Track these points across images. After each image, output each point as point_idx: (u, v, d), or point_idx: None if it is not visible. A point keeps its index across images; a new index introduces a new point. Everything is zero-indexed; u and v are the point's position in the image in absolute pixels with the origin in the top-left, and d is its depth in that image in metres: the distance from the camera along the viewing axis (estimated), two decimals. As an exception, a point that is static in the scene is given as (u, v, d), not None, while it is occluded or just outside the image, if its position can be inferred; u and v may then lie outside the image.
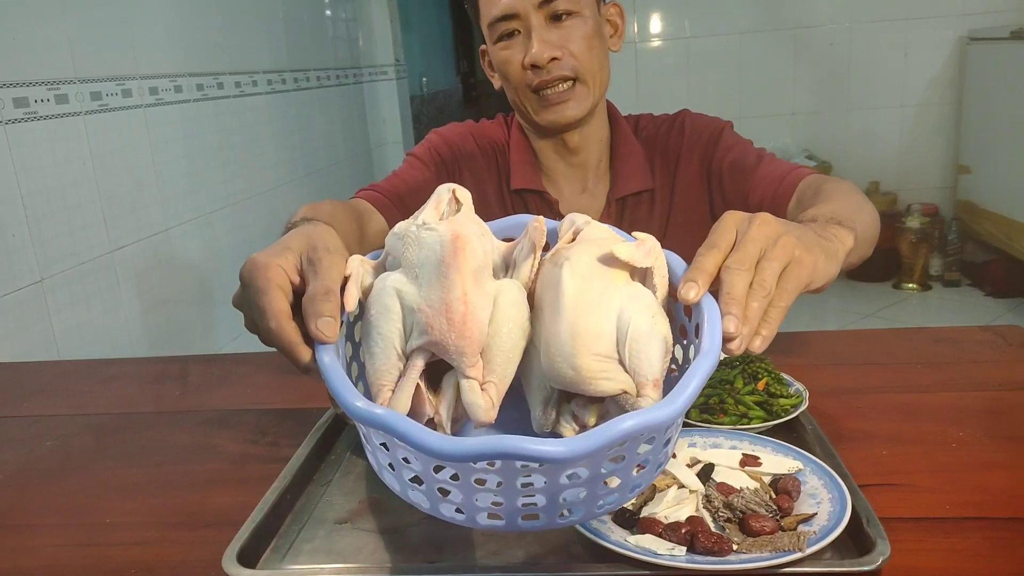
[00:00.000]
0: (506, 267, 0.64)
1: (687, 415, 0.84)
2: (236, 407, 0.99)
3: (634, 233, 0.62)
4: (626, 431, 0.49)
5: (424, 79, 5.15)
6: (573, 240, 0.62)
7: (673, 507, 0.67)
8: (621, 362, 0.56)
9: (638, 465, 0.55)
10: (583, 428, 0.58)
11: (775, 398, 0.85)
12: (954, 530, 0.66)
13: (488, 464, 0.52)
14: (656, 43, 4.15)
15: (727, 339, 0.57)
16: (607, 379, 0.55)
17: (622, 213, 1.20)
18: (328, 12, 3.60)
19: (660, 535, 0.63)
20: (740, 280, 0.58)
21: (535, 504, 0.54)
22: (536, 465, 0.51)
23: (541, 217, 0.63)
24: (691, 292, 0.58)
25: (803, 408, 0.84)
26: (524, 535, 0.68)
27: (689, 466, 0.73)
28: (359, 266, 0.61)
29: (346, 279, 0.60)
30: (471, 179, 1.22)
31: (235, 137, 2.73)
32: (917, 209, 3.94)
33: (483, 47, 1.19)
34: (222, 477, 0.84)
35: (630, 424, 0.49)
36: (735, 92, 4.15)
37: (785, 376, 0.89)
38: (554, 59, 1.07)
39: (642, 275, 0.60)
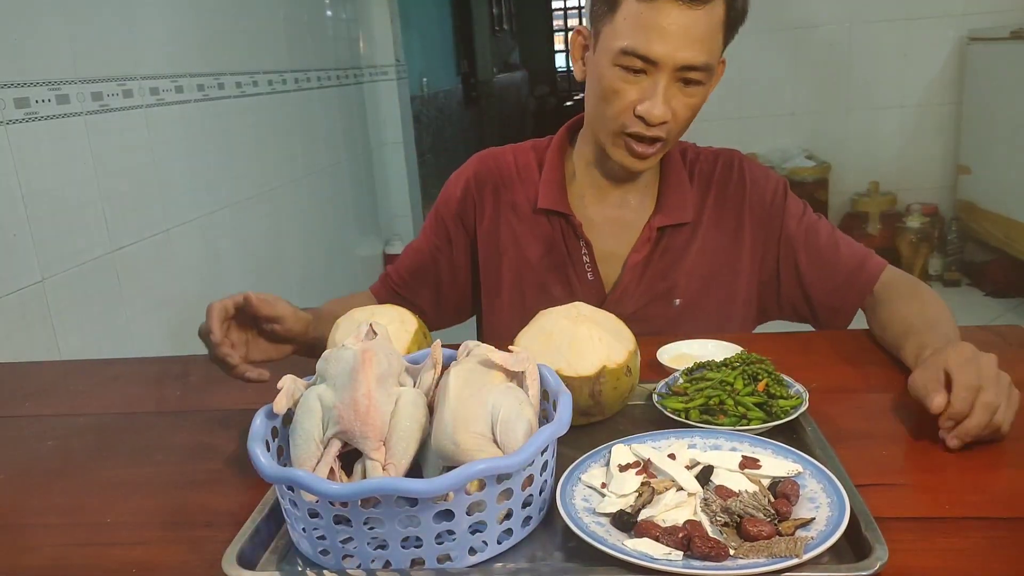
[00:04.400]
0: (413, 381, 0.77)
1: (688, 416, 0.85)
2: (236, 407, 1.00)
3: (510, 347, 0.76)
4: (478, 471, 0.61)
5: (424, 79, 5.15)
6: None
7: (671, 510, 0.67)
8: (495, 440, 0.68)
9: (504, 513, 0.66)
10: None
11: (775, 399, 0.85)
12: (954, 530, 0.66)
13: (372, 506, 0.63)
14: (656, 43, 4.15)
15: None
16: (480, 451, 0.67)
17: (659, 240, 1.20)
18: (328, 12, 3.60)
19: (657, 539, 0.63)
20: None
21: (420, 541, 0.64)
22: (411, 506, 0.63)
23: (438, 341, 0.78)
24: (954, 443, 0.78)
25: (803, 410, 0.84)
26: (526, 538, 0.69)
27: (688, 468, 0.73)
28: (291, 383, 0.74)
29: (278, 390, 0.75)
30: (473, 222, 1.25)
31: (236, 137, 2.73)
32: (917, 209, 3.95)
33: (583, 29, 1.13)
34: (222, 477, 0.84)
35: (481, 467, 0.62)
36: (735, 92, 4.14)
37: (785, 377, 0.89)
38: (663, 123, 1.07)
39: (520, 379, 0.74)
